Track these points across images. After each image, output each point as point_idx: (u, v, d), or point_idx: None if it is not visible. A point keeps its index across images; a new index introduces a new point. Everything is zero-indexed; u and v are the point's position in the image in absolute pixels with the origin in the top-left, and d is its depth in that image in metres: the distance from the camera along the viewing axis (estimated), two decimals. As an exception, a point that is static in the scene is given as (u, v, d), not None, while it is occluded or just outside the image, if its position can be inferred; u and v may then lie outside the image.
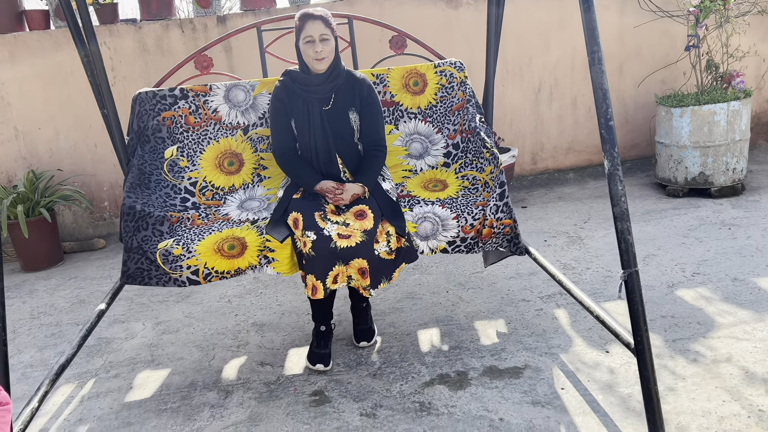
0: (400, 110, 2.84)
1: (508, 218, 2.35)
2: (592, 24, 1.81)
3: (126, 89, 4.22)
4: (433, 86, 2.84)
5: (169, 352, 2.67)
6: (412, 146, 2.81)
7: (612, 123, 1.80)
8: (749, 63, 4.69)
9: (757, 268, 2.88)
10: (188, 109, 2.71)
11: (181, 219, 2.47)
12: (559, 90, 4.69)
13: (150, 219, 2.36)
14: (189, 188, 2.64)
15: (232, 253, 2.25)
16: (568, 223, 3.81)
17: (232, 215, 2.53)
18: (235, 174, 2.71)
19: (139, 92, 2.68)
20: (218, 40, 3.01)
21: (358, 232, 2.17)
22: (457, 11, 4.41)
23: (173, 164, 2.66)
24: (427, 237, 2.33)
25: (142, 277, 2.29)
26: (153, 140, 2.67)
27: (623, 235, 1.78)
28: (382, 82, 2.82)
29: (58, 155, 4.27)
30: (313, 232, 2.16)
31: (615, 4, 4.53)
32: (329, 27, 2.28)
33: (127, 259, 2.28)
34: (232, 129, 2.74)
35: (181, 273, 2.25)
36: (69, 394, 2.40)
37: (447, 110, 2.83)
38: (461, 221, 2.33)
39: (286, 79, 2.41)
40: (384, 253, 2.21)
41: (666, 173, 4.20)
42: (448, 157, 2.77)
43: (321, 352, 2.41)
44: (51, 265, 3.98)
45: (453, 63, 2.87)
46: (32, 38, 4.09)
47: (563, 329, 2.52)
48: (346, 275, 2.20)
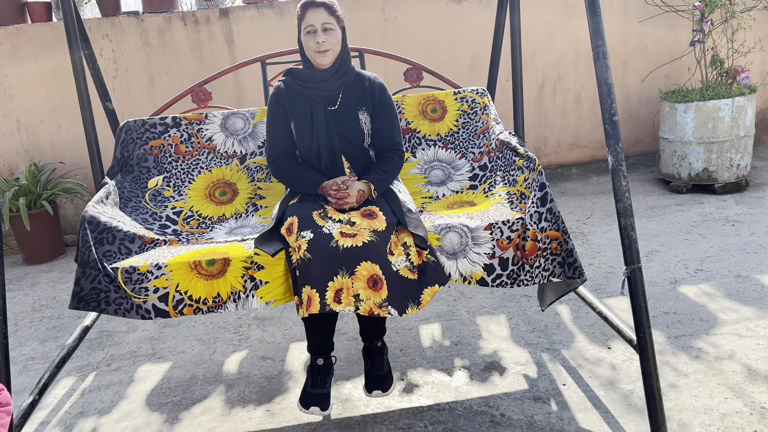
0: (417, 137, 2.61)
1: (555, 229, 1.88)
2: (596, 18, 1.80)
3: (128, 82, 4.21)
4: (453, 113, 2.64)
5: (171, 345, 2.67)
6: (432, 173, 2.54)
7: (616, 118, 1.79)
8: (754, 58, 4.66)
9: (760, 265, 2.87)
10: (180, 137, 2.51)
11: (156, 241, 2.08)
12: (563, 85, 4.66)
13: (117, 233, 1.97)
14: (171, 216, 2.33)
15: (210, 270, 1.82)
16: (571, 219, 3.79)
17: (218, 239, 2.15)
18: (227, 204, 2.44)
19: (127, 121, 2.50)
20: (221, 73, 2.85)
21: (366, 231, 1.78)
22: (461, 5, 4.39)
23: (156, 194, 2.40)
24: (455, 254, 1.88)
25: (98, 300, 1.84)
26: (137, 170, 2.44)
27: (626, 231, 1.77)
28: (397, 110, 2.51)
29: (60, 148, 4.27)
30: (309, 231, 1.77)
31: (620, -2, 4.51)
32: (333, 15, 2.03)
33: (81, 276, 1.82)
34: (227, 158, 2.53)
35: (146, 297, 1.81)
36: (70, 387, 2.40)
37: (471, 135, 2.59)
38: (495, 233, 1.88)
39: (287, 78, 2.15)
40: (405, 269, 1.79)
41: (670, 169, 4.18)
42: (474, 180, 2.46)
43: (318, 392, 1.93)
44: (53, 258, 3.98)
45: (474, 90, 2.68)
46: (34, 30, 4.08)
47: (565, 325, 2.51)
48: (351, 293, 1.72)
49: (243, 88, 4.30)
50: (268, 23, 4.22)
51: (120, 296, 1.83)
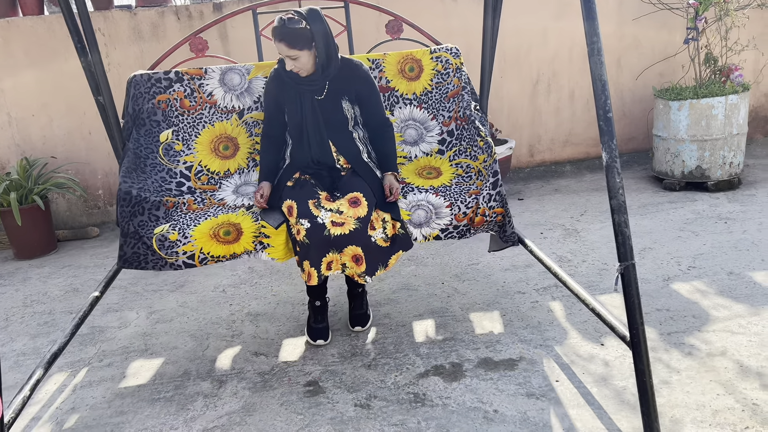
0: (395, 96, 2.81)
1: (500, 207, 2.39)
2: (591, 14, 1.79)
3: (120, 75, 4.17)
4: (428, 72, 2.81)
5: (163, 341, 2.66)
6: (407, 132, 2.79)
7: (611, 115, 1.78)
8: (748, 57, 4.67)
9: (752, 262, 2.88)
10: (183, 92, 2.68)
11: (177, 204, 2.46)
12: (557, 82, 4.66)
13: (146, 204, 2.36)
14: (184, 172, 2.62)
15: (227, 239, 2.28)
16: (565, 216, 3.80)
17: (227, 200, 2.53)
18: (230, 158, 2.69)
19: (134, 74, 2.65)
20: (214, 22, 2.96)
21: (351, 219, 2.20)
22: (456, 1, 4.37)
23: (168, 148, 2.64)
24: (420, 225, 2.35)
25: (138, 261, 2.30)
26: (148, 123, 2.64)
27: (620, 228, 1.77)
28: (377, 68, 2.79)
29: (51, 142, 4.24)
30: (307, 220, 2.20)
31: (614, -5, 4.51)
32: (294, 48, 2.22)
33: (123, 243, 2.30)
34: (227, 113, 2.71)
35: (177, 258, 2.27)
36: (62, 383, 2.39)
37: (442, 97, 2.81)
38: (454, 209, 2.36)
39: (280, 67, 2.41)
40: (380, 240, 2.25)
41: (663, 167, 4.19)
42: (442, 144, 2.76)
43: (319, 326, 2.49)
44: (44, 253, 3.96)
45: (449, 49, 2.84)
46: (26, 23, 4.05)
47: (558, 321, 2.51)
48: (340, 263, 2.24)
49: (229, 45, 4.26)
50: (261, 17, 4.19)
51: (156, 258, 2.28)
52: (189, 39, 2.90)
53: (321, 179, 2.40)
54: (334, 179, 2.41)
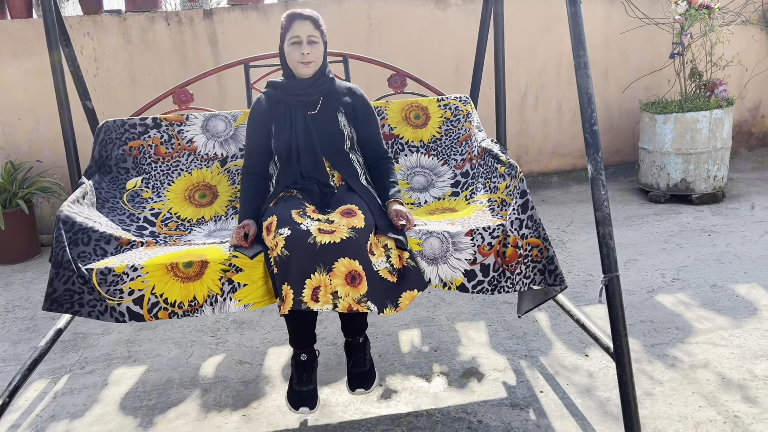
0: (400, 143, 2.62)
1: (536, 236, 1.88)
2: (578, 28, 1.82)
3: (109, 81, 4.16)
4: (436, 119, 2.65)
5: (146, 348, 2.64)
6: (414, 180, 2.56)
7: (596, 128, 1.80)
8: (732, 72, 4.75)
9: (735, 275, 2.91)
10: (160, 138, 2.48)
11: (133, 242, 2.04)
12: (545, 94, 4.71)
13: (93, 234, 1.94)
14: (149, 218, 2.30)
15: (187, 273, 1.80)
16: (551, 227, 3.82)
17: (196, 242, 2.14)
18: (206, 206, 2.42)
19: (106, 121, 2.46)
20: (204, 75, 2.82)
21: (344, 228, 1.78)
22: (446, 12, 4.41)
23: (135, 195, 2.37)
24: (435, 259, 1.87)
25: (71, 302, 1.80)
26: (115, 170, 2.40)
27: (605, 240, 1.78)
28: (380, 115, 2.63)
29: (37, 146, 4.20)
30: (287, 228, 1.78)
31: (602, 10, 4.57)
32: (319, 29, 2.07)
33: (54, 277, 1.79)
34: (207, 160, 2.51)
35: (120, 300, 1.78)
36: (42, 390, 2.36)
37: (454, 142, 2.61)
38: (476, 239, 1.88)
39: (268, 89, 2.17)
40: (384, 270, 1.80)
41: (648, 179, 4.23)
42: (456, 186, 2.48)
43: (304, 389, 1.96)
44: (27, 258, 3.91)
45: (458, 97, 2.70)
46: (14, 27, 4.02)
47: (543, 332, 2.52)
48: (330, 290, 1.71)
49: (226, 91, 4.27)
50: (252, 25, 4.20)
51: (94, 298, 1.79)
52: (173, 91, 2.75)
53: (310, 194, 2.06)
54: (325, 195, 2.08)
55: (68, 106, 2.44)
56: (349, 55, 2.85)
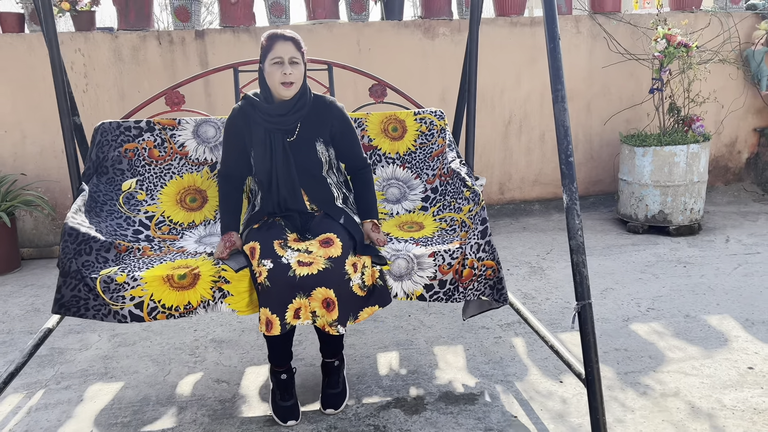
0: (378, 155, 2.78)
1: (491, 259, 2.15)
2: (556, 63, 1.89)
3: (98, 97, 4.19)
4: (412, 132, 2.80)
5: (124, 365, 2.63)
6: (389, 191, 2.74)
7: (572, 159, 1.87)
8: (709, 108, 4.88)
9: (708, 306, 2.98)
10: (153, 142, 2.60)
11: (130, 249, 2.25)
12: (529, 123, 4.81)
13: (95, 243, 2.13)
14: (144, 221, 2.48)
15: (182, 283, 2.01)
16: (531, 254, 3.88)
17: (188, 248, 2.34)
18: (196, 211, 2.58)
19: (102, 122, 2.57)
20: (192, 78, 2.92)
21: (321, 259, 1.97)
22: (433, 42, 4.51)
23: (130, 197, 2.52)
24: (401, 276, 2.11)
25: (77, 307, 2.03)
26: (111, 171, 2.54)
27: (578, 268, 1.83)
28: (360, 126, 2.77)
29: (22, 159, 4.20)
30: (270, 260, 1.96)
31: (585, 44, 4.70)
32: (300, 50, 2.14)
33: (62, 284, 2.01)
34: (198, 165, 2.63)
35: (122, 305, 2.00)
36: (16, 405, 2.34)
37: (426, 156, 2.78)
38: (438, 259, 2.11)
39: (246, 105, 2.22)
40: (357, 286, 2.00)
41: (627, 209, 4.32)
42: (426, 201, 2.69)
43: (287, 404, 2.16)
44: (7, 271, 3.88)
45: (433, 112, 2.83)
46: (5, 41, 4.05)
47: (520, 358, 2.56)
48: (309, 310, 1.96)
49: (213, 98, 4.31)
50: (244, 47, 4.27)
51: (99, 303, 2.02)
52: (165, 93, 2.86)
53: (292, 221, 2.20)
54: (305, 221, 2.21)
55: (69, 113, 2.52)
56: (334, 64, 2.97)
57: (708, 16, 4.79)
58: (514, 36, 4.61)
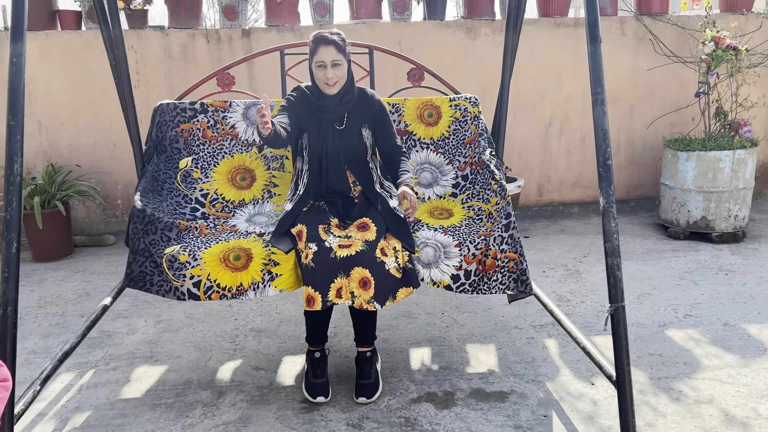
0: (413, 139, 2.89)
1: (513, 251, 2.28)
2: (597, 66, 1.90)
3: (148, 93, 4.35)
4: (447, 119, 2.89)
5: (168, 349, 2.75)
6: (422, 175, 2.85)
7: (610, 162, 1.88)
8: (758, 113, 4.76)
9: (748, 315, 2.93)
10: (207, 123, 2.78)
11: (189, 228, 2.47)
12: (569, 126, 4.78)
13: (159, 224, 2.36)
14: (200, 199, 2.67)
15: (236, 264, 2.22)
16: (568, 257, 3.87)
17: (239, 227, 2.53)
18: (246, 189, 2.76)
19: (161, 103, 2.76)
20: (242, 60, 3.11)
21: (359, 241, 2.18)
22: (475, 42, 4.53)
23: (186, 174, 2.71)
24: (429, 264, 2.27)
25: (144, 281, 2.29)
26: (169, 150, 2.73)
27: (613, 270, 1.85)
28: (397, 112, 2.88)
29: (77, 151, 4.40)
30: (315, 243, 2.17)
31: (629, 46, 4.64)
32: (342, 52, 2.30)
33: (132, 261, 2.29)
34: (247, 146, 2.81)
35: (183, 282, 2.21)
36: (68, 383, 2.48)
37: (459, 143, 2.87)
38: (463, 249, 2.28)
39: (299, 93, 2.43)
40: (394, 269, 2.19)
41: (669, 215, 4.26)
42: (456, 188, 2.80)
43: (319, 381, 2.31)
44: (61, 257, 4.08)
45: (468, 98, 2.92)
46: (63, 37, 4.25)
47: (552, 359, 2.57)
48: (349, 290, 2.15)
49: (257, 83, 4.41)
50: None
51: (162, 279, 2.25)
52: (217, 74, 3.03)
53: (335, 206, 2.40)
54: (347, 207, 2.41)
55: (132, 102, 2.77)
56: (375, 47, 3.06)
57: (759, 19, 4.67)
58: (557, 37, 4.59)
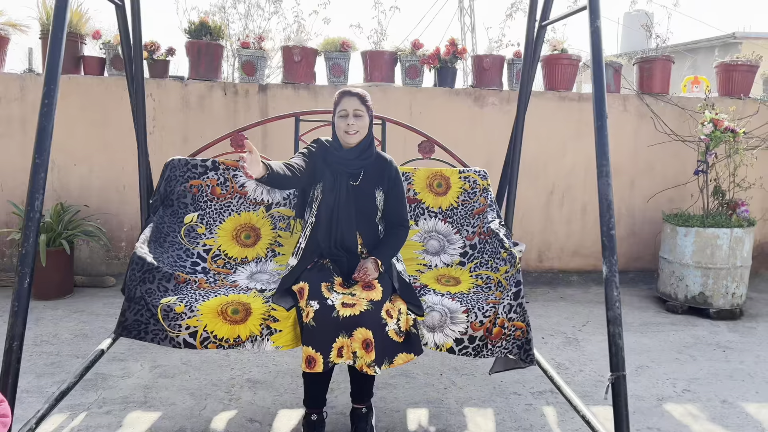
0: (421, 207, 2.93)
1: (521, 321, 2.27)
2: (603, 140, 1.99)
3: (163, 139, 4.46)
4: (456, 190, 2.95)
5: (163, 396, 2.72)
6: (429, 243, 2.87)
7: (613, 232, 1.94)
8: (755, 194, 4.87)
9: (746, 393, 2.92)
10: (216, 180, 2.82)
11: (188, 280, 2.45)
12: (571, 195, 4.87)
13: (157, 273, 2.34)
14: (202, 254, 2.67)
15: (235, 318, 2.19)
16: (567, 324, 3.87)
17: (240, 283, 2.51)
18: (250, 247, 2.76)
19: (172, 159, 2.80)
20: (257, 124, 3.20)
21: (363, 300, 2.14)
22: (483, 110, 4.69)
23: (191, 230, 2.72)
24: (433, 328, 2.24)
25: (138, 330, 2.23)
26: (176, 204, 2.75)
27: (614, 339, 1.87)
28: (407, 180, 2.92)
29: (87, 192, 4.47)
30: (316, 301, 2.13)
31: (631, 123, 4.80)
32: (364, 104, 2.39)
33: (126, 308, 2.24)
34: (255, 204, 2.83)
35: (178, 333, 2.18)
36: (60, 424, 2.44)
37: (468, 213, 2.91)
38: (471, 316, 2.26)
39: (318, 145, 2.46)
40: (393, 332, 2.14)
41: (667, 288, 4.29)
42: (464, 257, 2.81)
43: None
44: (60, 296, 4.08)
45: (477, 171, 2.98)
46: (85, 81, 4.39)
47: (550, 427, 2.55)
48: (351, 350, 2.08)
49: (270, 147, 4.50)
50: (302, 102, 4.52)
51: (158, 329, 2.20)
52: (231, 135, 3.09)
53: (340, 265, 2.38)
54: (352, 266, 2.37)
55: (146, 152, 2.83)
56: (387, 119, 3.19)
57: (757, 104, 4.85)
58: (562, 110, 4.75)
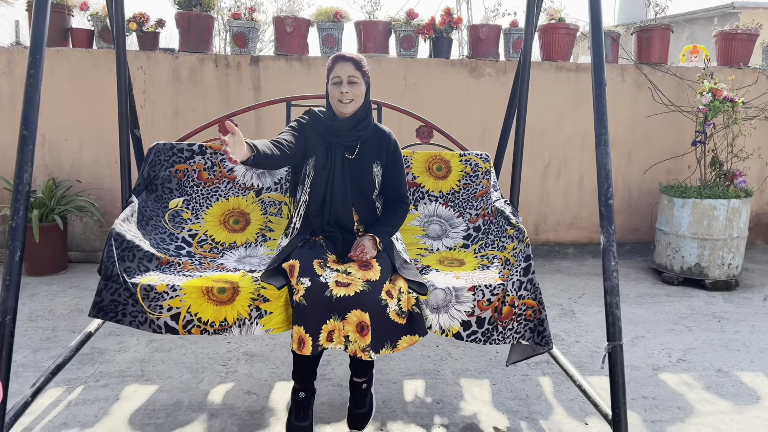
0: (421, 192, 2.83)
1: (532, 299, 2.12)
2: (601, 108, 1.96)
3: (154, 113, 4.39)
4: (457, 173, 2.85)
5: (159, 369, 2.72)
6: (430, 228, 2.75)
7: (611, 202, 1.91)
8: (752, 165, 4.85)
9: (741, 362, 2.93)
10: (204, 164, 2.70)
11: (171, 262, 2.27)
12: (568, 167, 4.84)
13: (138, 252, 2.17)
14: (187, 239, 2.53)
15: (221, 297, 2.01)
16: (563, 296, 3.88)
17: (227, 266, 2.36)
18: (239, 232, 2.63)
19: (157, 143, 2.69)
20: (247, 109, 3.10)
21: (359, 281, 1.96)
22: (478, 81, 4.62)
23: (175, 215, 2.60)
24: (438, 308, 2.07)
25: (115, 312, 2.03)
26: (161, 189, 2.64)
27: (611, 309, 1.86)
28: (405, 164, 2.80)
29: (78, 167, 4.42)
30: (308, 278, 1.96)
31: (629, 93, 4.75)
32: (360, 70, 2.20)
33: (102, 288, 2.03)
34: (244, 189, 2.72)
35: (159, 314, 1.99)
36: (57, 398, 2.44)
37: (470, 196, 2.81)
38: (477, 294, 2.08)
39: (311, 116, 2.28)
40: (394, 312, 1.97)
41: (663, 260, 4.29)
42: (467, 239, 2.69)
43: (301, 425, 2.10)
44: (55, 272, 4.06)
45: (479, 154, 2.88)
46: (73, 54, 4.30)
47: (546, 397, 2.56)
48: (343, 333, 1.91)
49: (263, 130, 4.47)
50: (295, 74, 4.45)
51: (136, 310, 2.02)
52: (219, 120, 2.99)
53: (334, 242, 2.23)
54: (347, 243, 2.23)
55: (128, 129, 2.70)
56: (383, 104, 3.09)
57: (756, 73, 4.80)
58: (559, 80, 4.69)
